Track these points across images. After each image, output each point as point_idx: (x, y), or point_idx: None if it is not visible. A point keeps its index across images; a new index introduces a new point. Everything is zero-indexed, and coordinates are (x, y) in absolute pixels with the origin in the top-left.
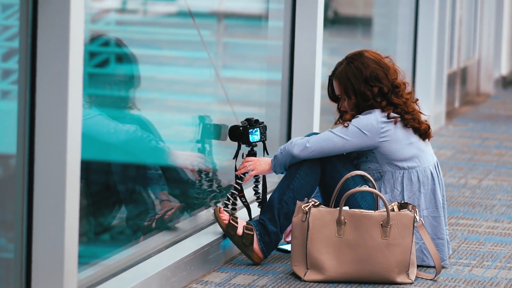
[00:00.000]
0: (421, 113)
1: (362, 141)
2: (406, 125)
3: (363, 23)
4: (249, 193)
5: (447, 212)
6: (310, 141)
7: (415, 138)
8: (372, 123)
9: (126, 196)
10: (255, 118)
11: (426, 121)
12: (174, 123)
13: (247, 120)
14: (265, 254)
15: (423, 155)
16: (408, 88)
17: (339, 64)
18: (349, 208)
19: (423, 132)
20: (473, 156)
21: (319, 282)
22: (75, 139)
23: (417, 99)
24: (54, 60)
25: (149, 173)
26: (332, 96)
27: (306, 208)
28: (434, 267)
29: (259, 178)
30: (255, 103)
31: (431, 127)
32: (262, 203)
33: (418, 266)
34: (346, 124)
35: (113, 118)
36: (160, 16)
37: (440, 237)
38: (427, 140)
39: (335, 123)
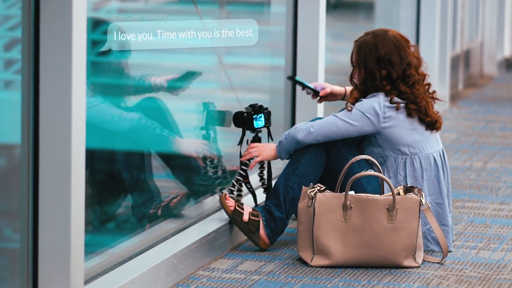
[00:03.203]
0: (436, 99)
1: (365, 125)
2: (409, 114)
3: (365, 7)
4: (254, 179)
5: (451, 200)
6: (314, 126)
7: (419, 125)
8: (374, 107)
9: (131, 184)
10: (259, 104)
11: (437, 112)
12: (178, 110)
13: (251, 106)
14: (272, 240)
15: (427, 142)
16: (427, 80)
17: (366, 34)
18: (355, 192)
19: (428, 124)
20: (477, 138)
21: (326, 267)
22: (80, 128)
23: (435, 91)
24: (57, 49)
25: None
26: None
27: (312, 193)
28: (438, 252)
29: (264, 164)
30: (258, 89)
31: (441, 120)
32: (267, 189)
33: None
34: (349, 108)
35: (118, 105)
36: (162, 3)
37: (444, 223)
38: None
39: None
